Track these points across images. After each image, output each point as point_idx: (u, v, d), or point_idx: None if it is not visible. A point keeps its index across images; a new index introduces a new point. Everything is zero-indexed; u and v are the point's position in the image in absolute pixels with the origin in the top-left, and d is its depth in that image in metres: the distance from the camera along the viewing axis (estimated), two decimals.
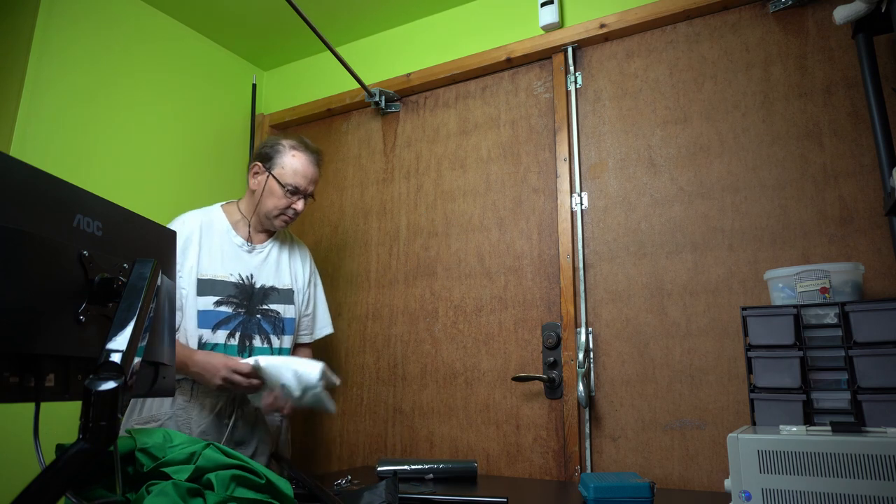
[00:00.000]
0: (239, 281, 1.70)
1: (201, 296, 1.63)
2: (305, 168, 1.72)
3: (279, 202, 1.70)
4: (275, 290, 1.77)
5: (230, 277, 1.69)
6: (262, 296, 1.74)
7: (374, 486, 1.19)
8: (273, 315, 1.75)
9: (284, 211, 1.72)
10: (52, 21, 1.96)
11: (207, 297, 1.64)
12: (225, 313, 1.65)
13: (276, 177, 1.70)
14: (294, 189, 1.70)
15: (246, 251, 1.74)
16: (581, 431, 1.81)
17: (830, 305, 1.25)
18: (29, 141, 1.86)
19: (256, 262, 1.75)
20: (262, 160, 1.73)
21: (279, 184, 1.69)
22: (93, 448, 0.62)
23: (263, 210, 1.72)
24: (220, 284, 1.67)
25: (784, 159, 1.70)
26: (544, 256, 1.99)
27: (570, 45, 2.05)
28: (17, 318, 0.62)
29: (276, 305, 1.76)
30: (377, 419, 2.17)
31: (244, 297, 1.70)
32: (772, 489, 0.94)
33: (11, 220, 0.64)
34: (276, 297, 1.76)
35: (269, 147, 1.74)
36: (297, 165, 1.71)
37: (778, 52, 1.76)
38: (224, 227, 1.73)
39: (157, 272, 0.77)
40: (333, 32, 2.48)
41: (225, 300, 1.66)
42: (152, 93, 2.26)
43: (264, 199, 1.71)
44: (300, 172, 1.71)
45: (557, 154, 2.02)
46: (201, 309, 1.62)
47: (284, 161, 1.71)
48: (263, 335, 1.71)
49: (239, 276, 1.71)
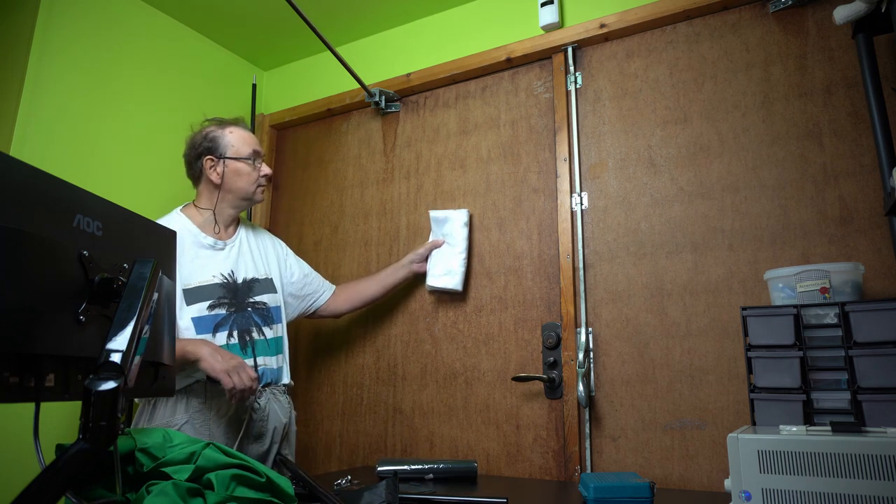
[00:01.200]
0: (223, 280, 1.71)
1: (191, 304, 1.63)
2: (247, 134, 1.79)
3: (251, 174, 1.76)
4: (256, 280, 1.79)
5: (214, 280, 1.69)
6: (246, 289, 1.75)
7: (374, 486, 1.19)
8: (261, 307, 1.76)
9: (259, 181, 1.78)
10: (52, 21, 1.96)
11: (199, 303, 1.64)
12: (220, 315, 1.66)
13: (233, 156, 1.74)
14: (255, 153, 1.77)
15: (219, 250, 1.75)
16: (581, 431, 1.81)
17: (830, 305, 1.25)
18: (29, 141, 1.86)
19: (232, 257, 1.76)
20: (209, 153, 1.74)
21: (240, 159, 1.74)
22: (93, 448, 0.62)
23: (239, 193, 1.75)
24: (207, 289, 1.67)
25: (784, 159, 1.70)
26: (544, 256, 1.99)
27: (570, 45, 2.05)
28: (17, 318, 0.62)
29: (263, 296, 1.78)
30: (377, 419, 2.17)
31: (231, 294, 1.70)
32: (772, 489, 0.94)
33: (11, 220, 0.64)
34: (259, 287, 1.78)
35: (206, 139, 1.75)
36: (242, 134, 1.78)
37: (778, 52, 1.76)
38: (192, 231, 1.72)
39: (157, 272, 0.77)
40: (333, 32, 2.48)
41: (217, 303, 1.66)
42: (152, 93, 2.26)
43: (234, 183, 1.74)
44: (247, 139, 1.78)
45: (557, 154, 2.02)
46: (196, 316, 1.62)
47: (228, 140, 1.75)
48: (257, 328, 1.73)
49: (221, 276, 1.71)
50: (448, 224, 2.07)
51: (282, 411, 1.75)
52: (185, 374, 1.58)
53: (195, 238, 1.71)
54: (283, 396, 1.77)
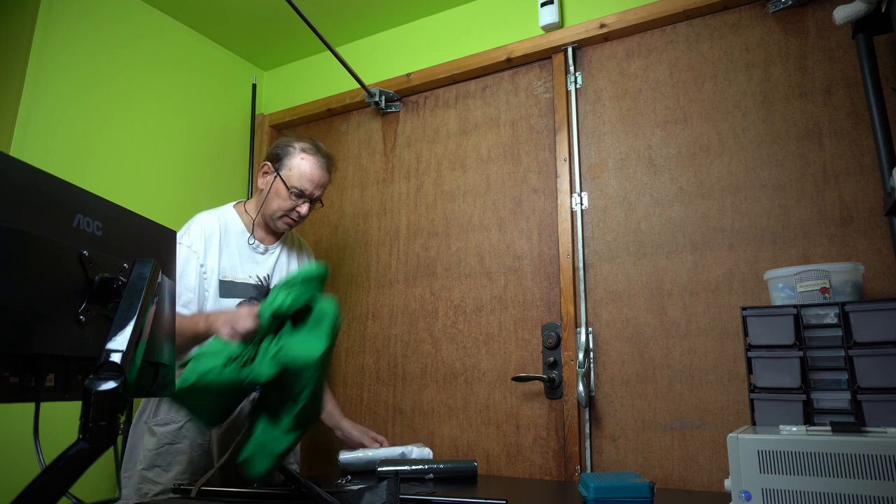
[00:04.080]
0: (257, 282, 1.73)
1: (224, 297, 1.64)
2: (313, 172, 1.70)
3: (283, 204, 1.69)
4: None
5: (249, 279, 1.71)
6: None
7: (375, 487, 1.19)
8: None
9: (288, 213, 1.71)
10: (52, 21, 1.96)
11: (230, 298, 1.65)
12: None
13: (283, 178, 1.68)
14: (299, 192, 1.69)
15: (260, 253, 1.76)
16: (581, 431, 1.81)
17: (830, 305, 1.25)
18: (29, 141, 1.86)
19: (270, 263, 1.77)
20: (271, 160, 1.73)
21: (285, 185, 1.68)
22: (93, 448, 0.62)
23: (268, 211, 1.72)
24: (241, 286, 1.69)
25: (784, 159, 1.70)
26: (544, 256, 1.99)
27: (570, 46, 2.05)
28: (17, 318, 0.62)
29: None
30: (377, 419, 2.17)
31: (262, 297, 1.71)
32: (772, 489, 0.94)
33: (11, 220, 0.64)
34: None
35: (281, 147, 1.73)
36: (305, 168, 1.69)
37: (778, 52, 1.76)
38: (239, 228, 1.74)
39: (157, 272, 0.77)
40: (333, 32, 2.48)
41: (247, 302, 1.67)
42: (152, 93, 2.26)
43: (269, 200, 1.71)
44: (307, 176, 1.69)
45: (557, 154, 2.02)
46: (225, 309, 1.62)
47: (293, 163, 1.70)
48: None
49: (257, 278, 1.73)
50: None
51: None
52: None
53: (241, 234, 1.73)
54: None
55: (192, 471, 1.52)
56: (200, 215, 1.72)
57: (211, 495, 1.27)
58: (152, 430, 1.55)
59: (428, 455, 1.72)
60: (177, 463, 1.53)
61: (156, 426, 1.56)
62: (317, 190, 1.72)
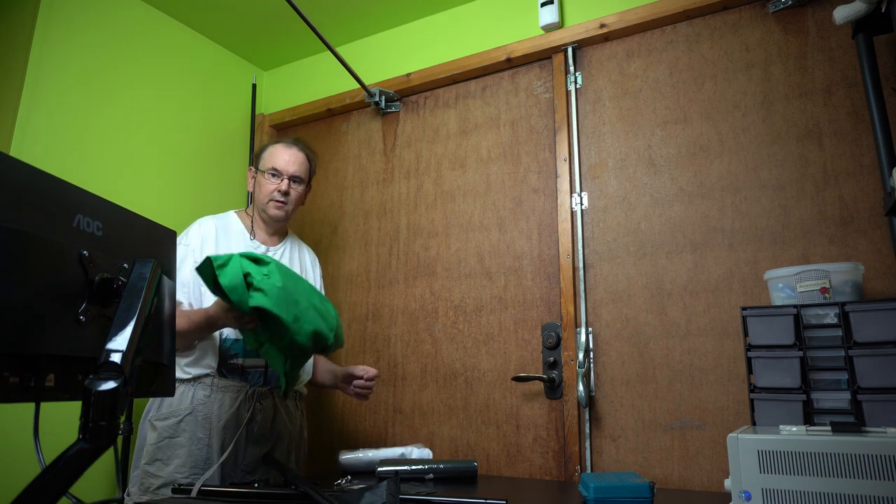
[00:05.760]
0: None
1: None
2: (281, 152, 1.79)
3: (266, 188, 1.78)
4: None
5: None
6: None
7: (375, 487, 1.19)
8: None
9: (272, 195, 1.76)
10: (51, 21, 1.96)
11: None
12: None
13: (261, 168, 1.80)
14: (274, 171, 1.77)
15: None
16: (581, 431, 1.81)
17: (830, 305, 1.25)
18: (29, 141, 1.86)
19: None
20: (253, 165, 1.86)
21: (263, 172, 1.78)
22: (93, 448, 0.62)
23: (259, 204, 1.80)
24: None
25: (784, 159, 1.70)
26: (544, 256, 1.99)
27: (570, 46, 2.05)
28: (18, 318, 0.62)
29: None
30: (377, 419, 2.17)
31: None
32: (772, 489, 0.94)
33: (11, 220, 0.64)
34: None
35: (259, 151, 1.88)
36: (276, 150, 1.81)
37: (778, 52, 1.76)
38: (240, 229, 1.80)
39: (156, 272, 0.77)
40: (333, 32, 2.48)
41: None
42: (152, 93, 2.26)
43: (256, 194, 1.81)
44: (276, 155, 1.79)
45: (557, 154, 2.02)
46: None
47: (266, 154, 1.82)
48: None
49: None
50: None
51: (289, 418, 1.74)
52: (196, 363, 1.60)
53: (242, 235, 1.79)
54: (291, 403, 1.77)
55: (191, 464, 1.53)
56: (200, 220, 1.79)
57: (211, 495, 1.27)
58: (153, 424, 1.57)
59: (428, 455, 1.73)
60: (176, 456, 1.53)
61: (156, 420, 1.58)
62: (290, 166, 1.78)
